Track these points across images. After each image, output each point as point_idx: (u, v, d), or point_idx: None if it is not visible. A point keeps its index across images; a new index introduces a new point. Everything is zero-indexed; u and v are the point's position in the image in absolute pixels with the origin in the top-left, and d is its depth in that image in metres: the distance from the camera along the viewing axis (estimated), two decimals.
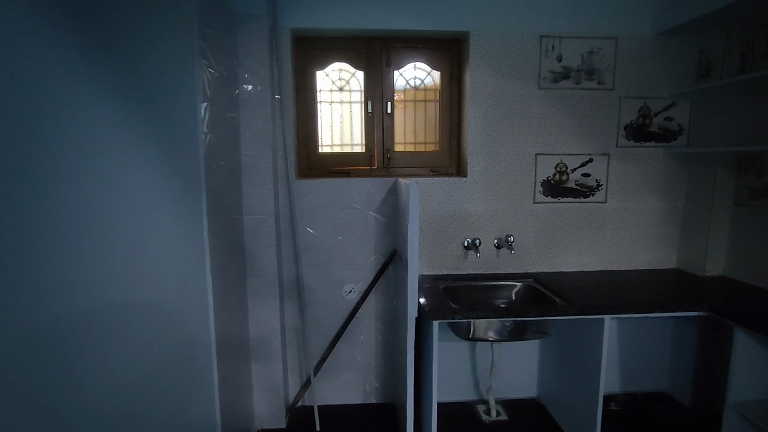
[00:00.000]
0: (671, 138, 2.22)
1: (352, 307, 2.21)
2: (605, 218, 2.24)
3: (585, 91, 2.14)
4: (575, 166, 2.19)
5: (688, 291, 1.96)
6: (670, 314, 1.75)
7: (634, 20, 2.10)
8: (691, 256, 2.22)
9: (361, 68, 2.20)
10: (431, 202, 2.16)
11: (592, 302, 1.76)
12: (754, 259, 2.01)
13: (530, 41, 2.08)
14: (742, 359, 1.65)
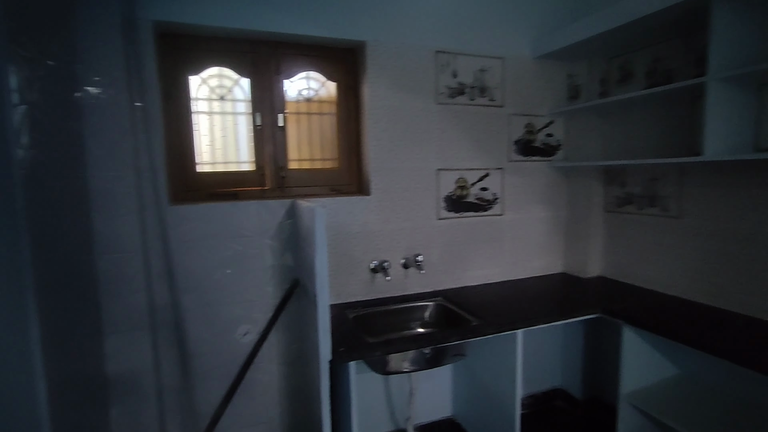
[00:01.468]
0: (552, 153, 2.41)
1: (249, 352, 1.87)
2: (503, 230, 2.32)
3: (479, 107, 2.19)
4: (474, 180, 2.23)
5: (576, 294, 2.11)
6: (568, 320, 1.84)
7: (517, 43, 2.24)
8: (574, 260, 2.43)
9: (246, 75, 1.92)
10: (333, 224, 1.97)
11: (505, 318, 1.76)
12: (623, 259, 2.26)
13: (427, 56, 2.05)
14: (630, 354, 1.80)
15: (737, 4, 1.57)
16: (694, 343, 1.52)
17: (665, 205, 2.02)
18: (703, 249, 1.87)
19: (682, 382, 1.89)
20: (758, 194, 1.67)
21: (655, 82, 2.03)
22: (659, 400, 1.76)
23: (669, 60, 1.97)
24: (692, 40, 1.86)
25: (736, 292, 1.76)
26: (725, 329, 1.60)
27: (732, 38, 1.59)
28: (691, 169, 1.91)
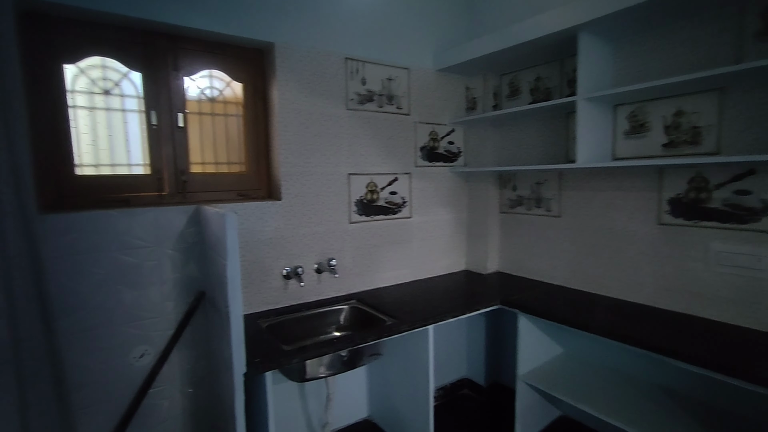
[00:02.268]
0: (454, 159, 2.60)
1: (146, 376, 1.68)
2: (412, 232, 2.43)
3: (387, 114, 2.28)
4: (384, 184, 2.30)
5: (478, 289, 2.30)
6: (473, 313, 2.00)
7: (421, 55, 2.38)
8: (476, 257, 2.65)
9: (137, 69, 1.73)
10: (243, 231, 1.87)
11: (417, 315, 1.84)
12: (516, 255, 2.53)
13: (337, 62, 2.07)
14: (525, 339, 2.02)
15: (599, 38, 1.87)
16: (572, 324, 1.76)
17: (548, 206, 2.32)
18: (577, 243, 2.19)
19: (566, 359, 2.18)
20: (615, 195, 2.01)
21: (537, 98, 2.32)
22: (549, 377, 2.00)
23: (548, 80, 2.28)
24: (566, 64, 2.18)
25: (602, 278, 2.09)
26: (596, 310, 1.89)
27: (595, 65, 1.89)
28: (568, 174, 2.22)
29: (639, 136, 1.91)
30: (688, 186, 1.76)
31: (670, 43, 1.77)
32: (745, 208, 1.61)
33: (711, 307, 1.72)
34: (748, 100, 1.58)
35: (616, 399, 1.79)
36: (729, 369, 1.32)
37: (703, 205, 1.72)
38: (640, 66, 1.87)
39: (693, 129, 1.73)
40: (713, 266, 1.70)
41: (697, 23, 1.69)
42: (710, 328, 1.63)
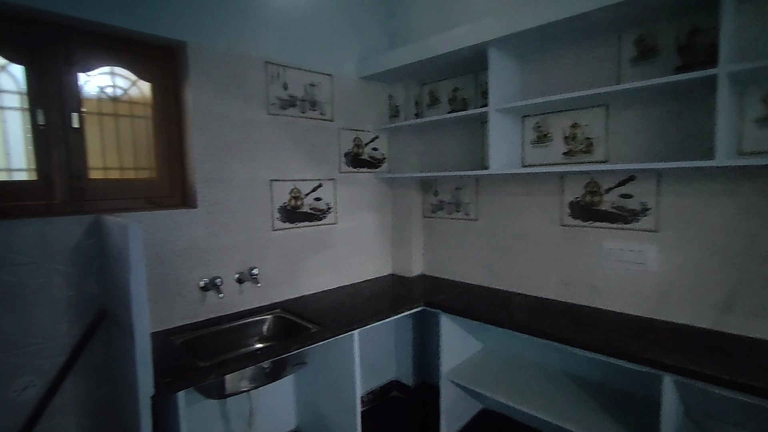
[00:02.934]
0: (378, 165, 2.65)
1: (31, 411, 1.48)
2: (337, 238, 2.42)
3: (310, 120, 2.26)
4: (308, 191, 2.27)
5: (403, 292, 2.36)
6: (397, 316, 2.04)
7: (344, 62, 2.39)
8: (401, 261, 2.71)
9: (18, 61, 1.53)
10: (153, 241, 1.73)
11: (343, 321, 1.84)
12: (438, 257, 2.64)
13: (256, 65, 2.01)
14: (447, 337, 2.11)
15: (507, 54, 2.03)
16: (488, 321, 1.88)
17: (467, 210, 2.45)
18: (492, 245, 2.34)
19: (486, 354, 2.31)
20: (525, 199, 2.18)
21: (455, 108, 2.45)
22: (470, 373, 2.11)
23: (465, 90, 2.41)
24: (479, 76, 2.33)
25: (515, 276, 2.25)
26: (510, 307, 2.03)
27: (504, 79, 2.04)
28: (483, 180, 2.36)
29: (543, 145, 2.09)
30: (585, 190, 1.97)
31: (565, 63, 1.97)
32: (628, 209, 1.84)
33: (605, 298, 1.93)
34: (627, 116, 1.81)
35: (528, 387, 1.94)
36: (617, 352, 1.49)
37: (596, 207, 1.93)
38: (543, 81, 2.06)
39: (587, 140, 1.95)
40: (605, 261, 1.92)
41: (585, 47, 1.90)
42: (604, 317, 1.83)
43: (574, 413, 1.72)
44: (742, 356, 1.42)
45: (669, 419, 1.45)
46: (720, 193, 1.60)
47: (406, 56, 2.23)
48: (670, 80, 1.49)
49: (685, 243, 1.70)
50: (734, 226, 1.58)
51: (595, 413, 1.72)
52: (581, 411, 1.74)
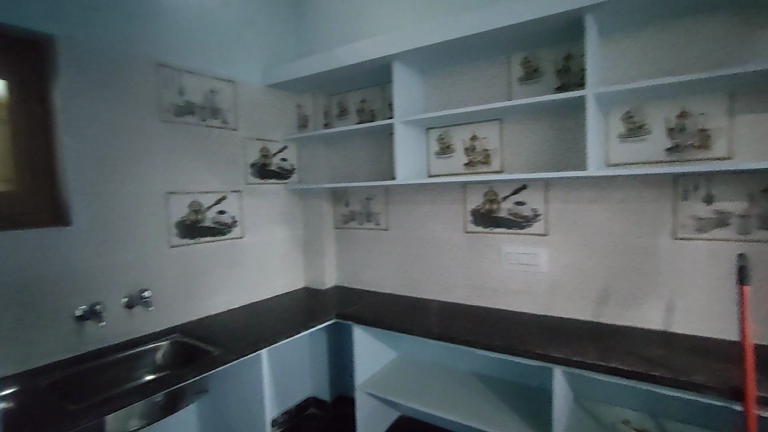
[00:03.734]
0: (288, 176, 2.57)
1: None
2: (245, 253, 2.29)
3: (211, 128, 2.11)
4: (210, 204, 2.12)
5: (316, 305, 2.30)
6: (309, 330, 1.98)
7: (248, 69, 2.29)
8: (314, 274, 2.65)
9: None
10: (10, 267, 1.47)
11: (249, 341, 1.73)
12: (351, 268, 2.62)
13: (145, 67, 1.84)
14: (361, 348, 2.09)
15: (410, 68, 2.10)
16: (399, 329, 1.90)
17: (377, 220, 2.48)
18: (403, 253, 2.39)
19: (400, 362, 2.33)
20: (432, 208, 2.27)
21: (363, 119, 2.48)
22: (385, 382, 2.11)
23: (372, 102, 2.45)
24: (386, 89, 2.38)
25: (425, 283, 2.32)
26: (420, 313, 2.08)
27: (408, 92, 2.11)
28: (392, 190, 2.41)
29: (446, 157, 2.20)
30: (484, 199, 2.10)
31: (464, 79, 2.10)
32: (522, 216, 2.00)
33: (505, 299, 2.07)
34: (518, 130, 1.98)
35: (440, 391, 1.99)
36: (514, 351, 1.60)
37: (494, 214, 2.07)
38: (445, 96, 2.17)
39: (485, 151, 2.08)
40: (504, 265, 2.06)
41: (481, 66, 2.04)
42: (505, 317, 1.96)
43: (481, 411, 1.80)
44: (614, 343, 1.60)
45: (560, 406, 1.58)
46: (594, 199, 1.81)
47: (313, 66, 2.20)
48: (549, 99, 1.66)
49: (569, 245, 1.89)
50: (606, 228, 1.80)
51: (499, 409, 1.82)
52: (487, 408, 1.83)
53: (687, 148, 1.62)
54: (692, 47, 1.58)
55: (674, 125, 1.64)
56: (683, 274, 1.66)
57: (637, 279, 1.75)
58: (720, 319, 1.59)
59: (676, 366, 1.38)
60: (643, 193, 1.71)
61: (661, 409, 1.71)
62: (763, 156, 1.49)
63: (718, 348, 1.51)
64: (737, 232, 1.56)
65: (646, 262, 1.73)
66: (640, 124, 1.70)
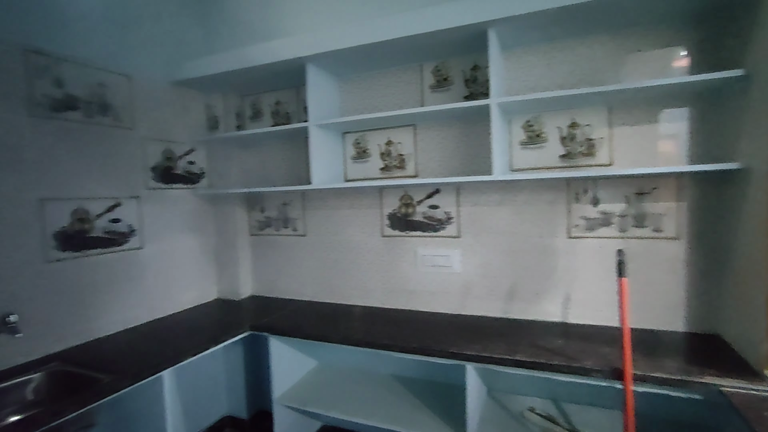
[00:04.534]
0: (196, 180, 2.38)
1: None
2: (145, 265, 2.07)
3: (101, 127, 1.88)
4: (100, 211, 1.88)
5: (229, 317, 2.16)
6: (221, 345, 1.85)
7: (149, 62, 2.09)
8: (228, 284, 2.48)
9: None
10: None
11: (148, 362, 1.56)
12: (268, 276, 2.51)
13: (10, 53, 1.58)
14: (278, 360, 2.00)
15: (325, 71, 2.07)
16: (317, 338, 1.85)
17: (295, 226, 2.40)
18: (321, 259, 2.34)
19: (320, 370, 2.27)
20: (350, 213, 2.25)
21: (278, 121, 2.39)
22: (305, 393, 2.04)
23: (288, 104, 2.37)
24: (301, 91, 2.32)
25: (344, 289, 2.29)
26: (339, 320, 2.04)
27: (323, 95, 2.07)
28: (309, 194, 2.35)
29: (363, 161, 2.20)
30: (400, 203, 2.13)
31: (379, 85, 2.12)
32: (436, 219, 2.06)
33: (422, 301, 2.11)
34: (431, 135, 2.04)
35: (361, 397, 1.97)
36: (429, 351, 1.63)
37: (410, 218, 2.11)
38: (360, 101, 2.17)
39: (400, 156, 2.11)
40: (420, 267, 2.10)
41: (395, 72, 2.08)
42: (422, 319, 2.00)
43: (400, 414, 1.82)
44: (520, 337, 1.70)
45: (473, 401, 1.65)
46: (500, 202, 1.93)
47: (223, 63, 2.07)
48: (457, 107, 1.73)
49: (479, 246, 1.98)
50: (512, 229, 1.92)
51: (418, 409, 1.85)
52: (406, 410, 1.84)
53: (577, 155, 1.79)
54: (579, 65, 1.75)
55: (566, 134, 1.80)
56: (577, 270, 1.83)
57: (539, 276, 1.89)
58: (608, 308, 1.78)
59: (571, 354, 1.51)
60: (543, 196, 1.86)
61: (562, 394, 1.87)
62: (636, 163, 1.70)
63: (606, 334, 1.68)
64: (618, 230, 1.76)
65: (546, 259, 1.87)
66: (539, 133, 1.85)
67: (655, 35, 1.63)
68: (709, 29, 1.56)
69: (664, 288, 1.70)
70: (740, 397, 1.20)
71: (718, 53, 1.53)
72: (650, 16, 1.58)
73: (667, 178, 1.67)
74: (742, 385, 1.24)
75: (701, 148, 1.61)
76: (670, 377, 1.31)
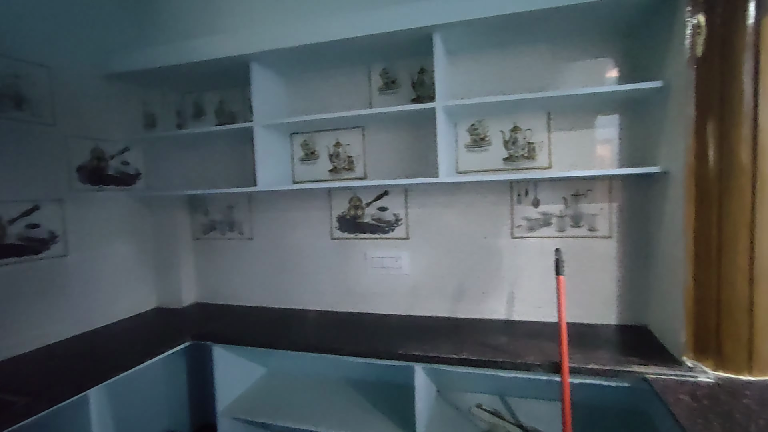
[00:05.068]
0: (131, 181, 2.22)
1: None
2: (70, 274, 1.90)
3: (15, 122, 1.71)
4: (15, 216, 1.70)
5: (169, 327, 2.04)
6: (158, 357, 1.73)
7: (72, 54, 1.92)
8: (168, 292, 2.34)
9: None
10: None
11: (70, 382, 1.42)
12: (214, 282, 2.40)
13: None
14: (223, 370, 1.91)
15: (270, 70, 2.01)
16: (264, 344, 1.79)
17: (241, 229, 2.31)
18: (269, 263, 2.27)
19: (269, 378, 2.20)
20: (298, 215, 2.20)
21: (222, 121, 2.29)
22: (252, 403, 1.96)
23: (232, 103, 2.28)
24: (246, 89, 2.22)
25: (293, 293, 2.24)
26: (287, 325, 1.99)
27: (269, 95, 2.01)
28: (256, 197, 2.27)
29: (311, 162, 2.16)
30: (349, 205, 2.11)
31: (327, 86, 2.09)
32: (385, 221, 2.06)
33: (372, 303, 2.10)
34: (380, 138, 2.04)
35: (312, 403, 1.93)
36: (378, 353, 1.62)
37: (359, 220, 2.10)
38: (308, 101, 2.13)
39: (348, 158, 2.10)
40: (369, 269, 2.10)
41: (344, 74, 2.06)
42: (372, 321, 1.99)
43: (351, 418, 1.79)
44: (467, 336, 1.74)
45: (422, 401, 1.66)
46: (447, 204, 1.96)
47: (161, 57, 1.95)
48: (404, 109, 1.74)
49: (428, 247, 2.01)
50: (458, 230, 1.96)
51: (368, 412, 1.83)
52: (357, 414, 1.83)
53: (519, 158, 1.86)
54: (520, 71, 1.82)
55: (509, 138, 1.87)
56: (520, 269, 1.90)
57: (485, 275, 1.94)
58: (549, 305, 1.85)
59: (515, 350, 1.56)
60: (487, 198, 1.91)
61: (508, 389, 1.93)
62: (572, 166, 1.79)
63: (548, 330, 1.76)
64: (557, 230, 1.84)
65: (491, 259, 1.93)
66: (483, 136, 1.90)
67: (587, 46, 1.74)
68: (633, 43, 1.68)
69: (599, 284, 1.80)
70: (661, 382, 1.29)
71: (642, 65, 1.65)
72: (582, 29, 1.67)
73: (600, 180, 1.78)
74: (664, 372, 1.34)
75: (629, 152, 1.72)
76: (602, 368, 1.39)
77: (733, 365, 1.31)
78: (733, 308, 1.29)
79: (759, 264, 1.25)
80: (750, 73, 1.23)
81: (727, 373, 1.32)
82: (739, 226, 1.27)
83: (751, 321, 1.28)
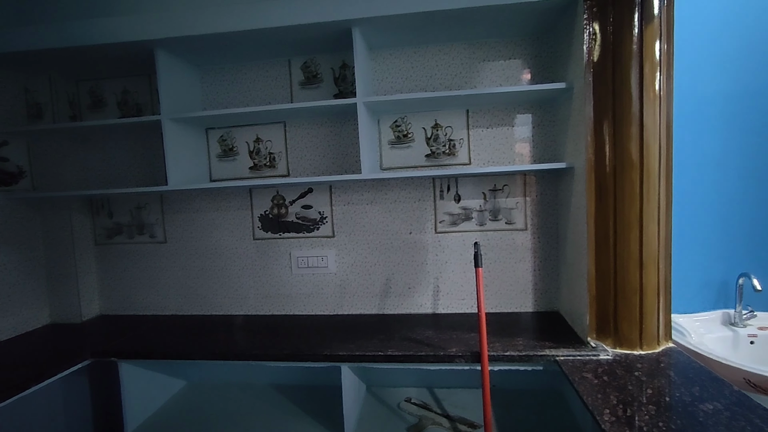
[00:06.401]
0: (12, 181, 1.93)
1: None
2: None
3: None
4: None
5: (64, 345, 1.80)
6: (48, 381, 1.52)
7: None
8: (64, 306, 2.08)
9: None
10: None
11: None
12: (121, 291, 2.17)
13: None
14: (132, 389, 1.74)
15: (180, 59, 1.85)
16: (182, 356, 1.65)
17: (152, 232, 2.12)
18: (186, 267, 2.10)
19: (190, 390, 2.04)
20: (216, 216, 2.06)
21: (126, 113, 2.07)
22: (168, 420, 1.80)
23: (138, 94, 2.07)
24: (153, 80, 2.04)
25: (213, 298, 2.10)
26: (206, 333, 1.85)
27: (180, 86, 1.86)
28: (169, 197, 2.09)
29: (230, 159, 2.03)
30: (272, 203, 2.02)
31: (246, 79, 1.98)
32: (310, 219, 2.00)
33: (298, 304, 2.04)
34: (302, 133, 1.97)
35: (235, 412, 1.82)
36: (303, 357, 1.57)
37: (283, 219, 2.02)
38: (226, 94, 2.00)
39: (270, 154, 2.00)
40: (295, 270, 2.03)
41: (263, 66, 1.96)
42: (298, 323, 1.92)
43: (278, 424, 1.73)
44: (394, 332, 1.74)
45: (350, 400, 1.64)
46: (372, 200, 1.95)
47: (46, 38, 1.71)
48: (326, 104, 1.69)
49: (353, 244, 1.98)
50: (384, 226, 1.96)
51: (296, 417, 1.77)
52: (284, 420, 1.76)
53: (441, 154, 1.90)
54: (440, 69, 1.86)
55: (430, 135, 1.90)
56: (443, 263, 1.94)
57: (411, 270, 1.96)
58: (471, 297, 1.93)
59: (439, 343, 1.59)
60: (411, 194, 1.93)
61: (435, 380, 1.97)
62: (490, 162, 1.87)
63: (471, 321, 1.82)
64: (477, 224, 1.91)
65: (417, 254, 1.95)
66: (406, 133, 1.91)
67: (502, 48, 1.81)
68: (542, 46, 1.78)
69: (517, 274, 1.90)
70: (569, 363, 1.39)
71: (550, 68, 1.77)
72: (496, 31, 1.74)
73: (516, 175, 1.87)
74: (571, 353, 1.44)
75: (542, 149, 1.83)
76: (518, 354, 1.46)
77: (628, 342, 1.45)
78: (627, 291, 1.43)
79: (646, 250, 1.40)
80: (636, 78, 1.36)
81: (623, 350, 1.45)
82: (631, 217, 1.40)
83: (641, 301, 1.42)
